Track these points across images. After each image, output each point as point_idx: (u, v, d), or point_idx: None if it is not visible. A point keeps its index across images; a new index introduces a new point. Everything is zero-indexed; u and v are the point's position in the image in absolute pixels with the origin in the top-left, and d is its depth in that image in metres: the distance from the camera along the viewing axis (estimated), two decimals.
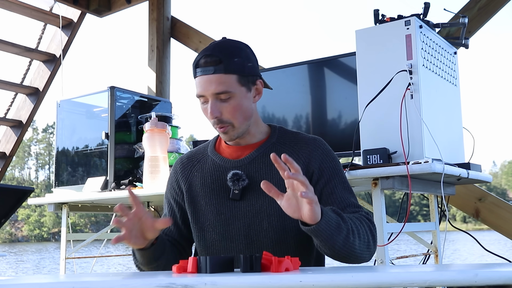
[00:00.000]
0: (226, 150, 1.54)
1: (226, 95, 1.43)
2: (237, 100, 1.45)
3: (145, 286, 0.93)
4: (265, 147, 1.51)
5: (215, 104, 1.43)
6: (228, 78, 1.43)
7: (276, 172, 1.46)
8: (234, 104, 1.45)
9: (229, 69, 1.44)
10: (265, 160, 1.49)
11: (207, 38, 3.94)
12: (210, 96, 1.43)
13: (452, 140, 2.10)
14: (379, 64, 1.92)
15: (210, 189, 1.51)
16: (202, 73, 1.44)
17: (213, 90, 1.42)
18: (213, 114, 1.43)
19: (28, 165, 61.89)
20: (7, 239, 52.02)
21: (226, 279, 0.91)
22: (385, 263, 1.81)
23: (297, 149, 1.50)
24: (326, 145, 1.54)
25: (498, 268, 0.92)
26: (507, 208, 2.80)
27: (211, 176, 1.53)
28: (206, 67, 1.43)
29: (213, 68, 1.43)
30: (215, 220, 1.49)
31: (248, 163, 1.49)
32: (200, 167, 1.56)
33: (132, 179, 2.68)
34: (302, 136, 1.55)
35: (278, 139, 1.53)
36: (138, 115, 2.87)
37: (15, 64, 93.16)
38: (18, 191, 1.29)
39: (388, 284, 0.89)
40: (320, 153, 1.50)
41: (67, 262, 2.87)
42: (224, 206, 1.49)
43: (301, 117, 2.47)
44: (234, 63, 1.44)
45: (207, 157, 1.57)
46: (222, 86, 1.42)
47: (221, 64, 1.43)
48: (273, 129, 1.56)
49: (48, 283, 1.02)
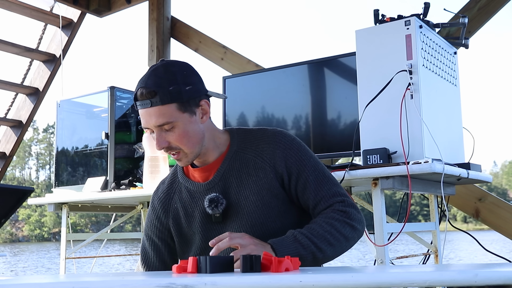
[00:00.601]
0: (195, 174, 1.52)
1: (169, 126, 1.40)
2: (182, 128, 1.41)
3: (145, 286, 0.93)
4: (228, 159, 1.48)
5: (160, 135, 1.41)
6: (167, 109, 1.38)
7: (246, 182, 1.45)
8: (179, 132, 1.41)
9: (165, 99, 1.38)
10: (233, 173, 1.47)
11: (207, 38, 3.94)
12: (153, 128, 1.41)
13: (452, 140, 2.10)
14: (379, 64, 1.92)
15: (192, 218, 1.51)
16: (140, 106, 1.40)
17: (154, 123, 1.39)
18: (160, 145, 1.41)
19: (28, 165, 61.94)
20: (7, 239, 52.03)
21: (226, 279, 0.91)
22: (385, 263, 1.81)
23: (259, 151, 1.46)
24: (287, 137, 1.48)
25: (498, 268, 0.92)
26: (507, 208, 2.80)
27: (190, 204, 1.51)
28: (142, 100, 1.39)
29: (149, 101, 1.38)
30: (205, 247, 1.47)
31: (219, 181, 1.47)
32: (177, 198, 1.55)
33: (132, 179, 2.68)
34: (261, 133, 1.50)
35: (239, 145, 1.49)
36: (138, 115, 2.87)
37: (15, 64, 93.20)
38: (18, 191, 1.29)
39: (388, 284, 0.89)
40: (282, 149, 1.45)
41: (67, 262, 2.87)
42: (211, 230, 1.48)
43: (300, 118, 2.47)
44: (170, 92, 1.38)
45: (181, 186, 1.55)
46: (162, 118, 1.38)
47: (157, 96, 1.37)
48: (231, 136, 1.52)
49: (48, 283, 1.02)
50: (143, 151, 2.55)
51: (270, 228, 1.44)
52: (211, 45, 3.89)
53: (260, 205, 1.43)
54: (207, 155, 1.48)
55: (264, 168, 1.45)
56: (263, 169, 1.44)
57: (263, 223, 1.44)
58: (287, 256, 1.06)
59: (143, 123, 1.43)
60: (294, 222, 1.47)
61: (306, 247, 1.31)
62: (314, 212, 1.44)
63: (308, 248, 1.31)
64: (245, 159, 1.47)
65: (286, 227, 1.43)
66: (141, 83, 1.40)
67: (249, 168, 1.46)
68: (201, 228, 1.49)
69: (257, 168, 1.45)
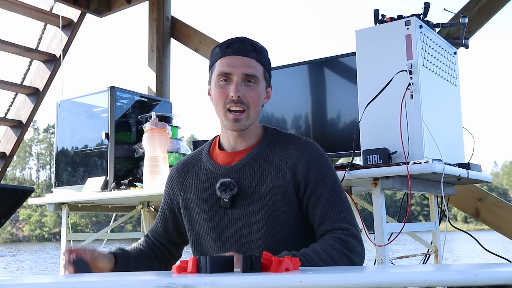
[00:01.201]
0: (219, 156, 1.53)
1: (253, 80, 1.45)
2: (259, 90, 1.47)
3: (145, 286, 0.93)
4: (255, 152, 1.49)
5: (240, 84, 1.43)
6: (258, 66, 1.46)
7: (264, 179, 1.45)
8: (257, 91, 1.46)
9: (260, 59, 1.47)
10: (255, 167, 1.47)
11: (207, 38, 3.94)
12: (238, 75, 1.43)
13: (452, 140, 2.10)
14: (379, 64, 1.92)
15: (203, 197, 1.51)
16: (234, 53, 1.44)
17: (244, 70, 1.43)
18: (237, 92, 1.42)
19: (29, 165, 61.93)
20: (8, 239, 52.03)
21: (226, 279, 0.91)
22: (385, 263, 1.81)
23: (286, 155, 1.47)
24: (316, 149, 1.49)
25: (498, 268, 0.92)
26: (507, 208, 2.80)
27: (204, 183, 1.52)
28: (239, 48, 1.44)
29: (249, 52, 1.45)
30: (208, 228, 1.49)
31: (239, 170, 1.48)
32: (194, 174, 1.55)
33: (132, 179, 2.68)
34: (293, 139, 1.51)
35: (268, 143, 1.51)
36: (138, 115, 2.87)
37: (15, 64, 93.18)
38: (18, 191, 1.29)
39: (388, 284, 0.89)
40: (308, 159, 1.46)
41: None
42: (217, 214, 1.48)
43: (300, 117, 2.47)
44: (264, 57, 1.48)
45: (201, 163, 1.56)
46: (253, 70, 1.44)
47: (255, 52, 1.46)
48: (265, 132, 1.54)
49: (48, 283, 1.02)
50: (143, 151, 2.55)
51: (275, 231, 1.44)
52: (211, 45, 3.88)
53: (272, 206, 1.44)
54: (244, 137, 1.50)
55: (285, 171, 1.46)
56: (283, 172, 1.45)
57: (269, 224, 1.43)
58: (287, 256, 1.06)
59: (227, 69, 1.44)
60: (299, 232, 1.47)
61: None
62: (318, 230, 1.43)
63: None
64: (269, 158, 1.48)
65: (290, 235, 1.44)
66: (237, 38, 1.47)
67: (271, 167, 1.47)
68: (208, 208, 1.49)
69: (279, 170, 1.46)
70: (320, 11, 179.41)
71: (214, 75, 1.48)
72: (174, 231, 1.61)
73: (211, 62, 1.51)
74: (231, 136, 1.51)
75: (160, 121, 2.48)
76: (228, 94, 1.44)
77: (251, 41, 1.47)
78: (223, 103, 1.45)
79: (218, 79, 1.46)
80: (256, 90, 1.45)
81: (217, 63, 1.47)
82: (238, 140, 1.51)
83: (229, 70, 1.43)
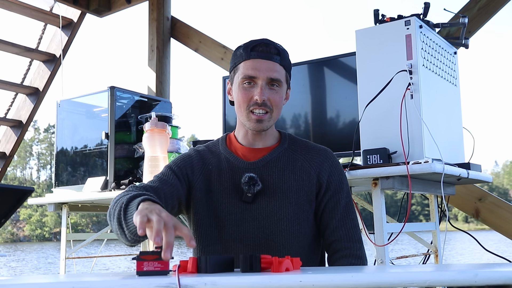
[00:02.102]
0: (240, 150, 1.54)
1: (277, 84, 1.47)
2: (282, 93, 1.50)
3: (145, 286, 0.93)
4: (278, 151, 1.53)
5: (265, 87, 1.46)
6: (282, 70, 1.49)
7: (287, 177, 1.48)
8: (280, 95, 1.49)
9: (284, 63, 1.50)
10: (278, 165, 1.50)
11: (207, 38, 3.94)
12: (263, 79, 1.45)
13: (452, 140, 2.10)
14: (379, 64, 1.92)
15: (223, 187, 1.50)
16: (259, 56, 1.46)
17: (270, 74, 1.45)
18: (262, 95, 1.44)
19: (30, 165, 61.88)
20: (8, 239, 52.03)
21: (226, 279, 0.91)
22: (385, 263, 1.81)
23: (309, 157, 1.52)
24: (335, 157, 1.57)
25: (498, 268, 0.92)
26: (507, 208, 2.80)
27: (225, 174, 1.52)
28: (265, 53, 1.46)
29: (273, 56, 1.47)
30: (225, 219, 1.48)
31: (262, 166, 1.50)
32: (214, 163, 1.54)
33: (132, 179, 2.68)
34: (312, 145, 1.57)
35: (289, 145, 1.55)
36: (138, 115, 2.87)
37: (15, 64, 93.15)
38: (18, 191, 1.29)
39: (388, 284, 0.89)
40: (330, 164, 1.53)
41: (67, 262, 2.87)
42: (235, 206, 1.48)
43: (300, 117, 2.47)
44: (287, 60, 1.51)
45: (220, 154, 1.55)
46: (278, 74, 1.47)
47: (279, 56, 1.48)
48: (283, 135, 1.58)
49: (48, 283, 1.02)
50: (143, 151, 2.55)
51: (294, 229, 1.46)
52: (211, 45, 3.89)
53: (294, 204, 1.47)
54: (263, 137, 1.52)
55: (309, 172, 1.50)
56: (308, 173, 1.50)
57: (290, 221, 1.46)
58: (287, 256, 1.07)
59: (252, 72, 1.45)
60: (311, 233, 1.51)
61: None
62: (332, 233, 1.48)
63: None
64: (293, 158, 1.52)
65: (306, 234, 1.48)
66: (262, 40, 1.48)
67: (295, 167, 1.51)
68: (227, 199, 1.49)
69: (303, 170, 1.50)
70: (320, 11, 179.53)
71: (238, 77, 1.49)
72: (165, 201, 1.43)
73: (234, 63, 1.52)
74: (250, 133, 1.53)
75: (160, 121, 2.48)
76: (252, 97, 1.46)
77: (275, 44, 1.50)
78: (246, 105, 1.48)
79: (242, 81, 1.48)
80: (279, 94, 1.49)
81: (241, 65, 1.49)
82: (257, 138, 1.53)
83: (254, 73, 1.46)
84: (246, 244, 1.46)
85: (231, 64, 1.54)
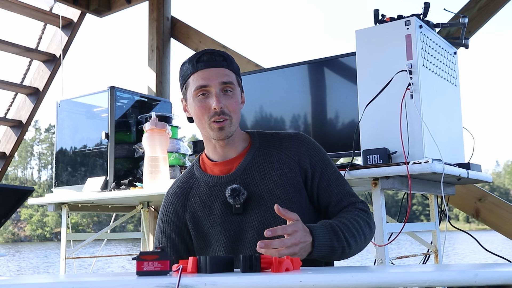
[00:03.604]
0: (215, 168, 1.53)
1: (231, 88, 1.47)
2: (237, 96, 1.50)
3: (145, 286, 0.93)
4: (251, 154, 1.51)
5: (219, 94, 1.45)
6: (232, 74, 1.49)
7: (270, 176, 1.48)
8: (235, 99, 1.48)
9: (231, 68, 1.50)
10: (257, 167, 1.49)
11: (207, 38, 3.94)
12: (215, 86, 1.45)
13: (452, 140, 2.10)
14: (379, 64, 1.92)
15: (211, 210, 1.50)
16: (206, 66, 1.46)
17: (221, 79, 1.45)
18: (219, 103, 1.44)
19: (31, 165, 61.85)
20: (9, 239, 52.03)
21: (226, 279, 0.91)
22: (385, 263, 1.81)
23: (283, 148, 1.51)
24: (309, 138, 1.56)
25: (498, 268, 0.92)
26: (507, 208, 2.80)
27: (208, 197, 1.51)
28: (211, 60, 1.47)
29: (220, 62, 1.47)
30: (224, 239, 1.48)
31: (241, 174, 1.49)
32: (195, 192, 1.54)
33: (132, 179, 2.68)
34: (283, 134, 1.56)
35: (261, 143, 1.54)
36: (138, 115, 2.87)
37: (15, 64, 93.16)
38: (18, 191, 1.29)
39: (388, 284, 0.89)
40: (307, 147, 1.52)
41: (67, 262, 2.87)
42: (230, 222, 1.48)
43: (300, 117, 2.47)
44: (234, 64, 1.52)
45: (198, 181, 1.55)
46: (229, 77, 1.47)
47: (225, 61, 1.48)
48: (252, 135, 1.57)
49: (48, 283, 1.02)
50: (143, 151, 2.55)
51: None
52: (211, 45, 3.89)
53: (284, 198, 1.45)
54: (231, 145, 1.51)
55: (289, 163, 1.49)
56: (287, 164, 1.49)
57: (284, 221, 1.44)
58: (287, 256, 1.07)
59: (203, 82, 1.46)
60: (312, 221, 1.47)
61: (340, 240, 1.34)
62: (336, 207, 1.48)
63: (341, 242, 1.34)
64: (269, 154, 1.51)
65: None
66: (204, 51, 1.50)
67: (273, 162, 1.49)
68: (220, 219, 1.48)
69: (282, 163, 1.49)
70: (320, 11, 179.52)
71: (191, 91, 1.48)
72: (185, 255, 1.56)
73: (183, 79, 1.51)
74: (219, 146, 1.51)
75: (160, 121, 2.48)
76: (209, 107, 1.45)
77: (218, 51, 1.50)
78: (206, 117, 1.46)
79: (196, 94, 1.47)
80: (234, 98, 1.48)
81: (190, 79, 1.48)
82: (226, 149, 1.51)
83: (205, 82, 1.45)
84: (250, 253, 1.46)
85: (180, 82, 1.54)
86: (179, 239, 1.55)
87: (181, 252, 1.56)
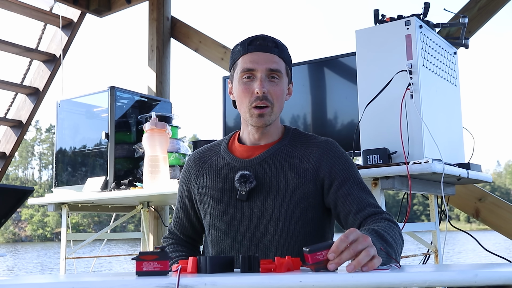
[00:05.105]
0: (238, 149, 1.54)
1: (277, 75, 1.46)
2: (283, 85, 1.49)
3: (145, 286, 0.93)
4: (276, 148, 1.51)
5: (264, 80, 1.45)
6: (281, 62, 1.48)
7: (284, 175, 1.46)
8: (280, 87, 1.48)
9: (282, 56, 1.49)
10: (275, 162, 1.48)
11: (207, 38, 3.94)
12: (262, 71, 1.44)
13: (452, 140, 2.10)
14: (379, 64, 1.92)
15: (218, 188, 1.51)
16: (256, 49, 1.46)
17: (268, 65, 1.44)
18: (262, 88, 1.43)
19: (31, 165, 61.82)
20: (10, 239, 52.03)
21: (226, 279, 0.91)
22: None
23: (307, 152, 1.49)
24: (338, 148, 1.52)
25: (498, 268, 0.92)
26: (507, 208, 2.80)
27: (220, 174, 1.52)
28: (262, 44, 1.46)
29: (271, 48, 1.46)
30: (221, 220, 1.49)
31: (258, 164, 1.49)
32: (210, 165, 1.56)
33: (132, 179, 2.68)
34: (314, 139, 1.54)
35: (290, 141, 1.53)
36: (138, 115, 2.87)
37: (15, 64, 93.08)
38: (18, 191, 1.29)
39: (388, 284, 0.89)
40: (331, 156, 1.48)
41: (67, 262, 2.87)
42: (231, 206, 1.48)
43: (300, 117, 2.47)
44: (286, 53, 1.51)
45: (219, 155, 1.56)
46: (277, 65, 1.46)
47: (277, 48, 1.47)
48: (287, 131, 1.57)
49: (48, 283, 1.02)
50: (143, 151, 2.55)
51: (291, 228, 1.44)
52: (211, 45, 3.89)
53: (290, 202, 1.44)
54: (266, 133, 1.51)
55: (307, 168, 1.47)
56: (305, 169, 1.47)
57: (286, 220, 1.44)
58: (288, 256, 1.06)
59: (251, 65, 1.45)
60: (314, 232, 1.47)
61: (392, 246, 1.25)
62: (356, 216, 1.39)
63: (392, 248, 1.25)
64: (291, 155, 1.49)
65: (306, 233, 1.45)
66: (259, 35, 1.49)
67: (292, 164, 1.48)
68: (222, 200, 1.49)
69: (300, 167, 1.47)
70: (321, 11, 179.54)
71: (237, 72, 1.48)
72: (196, 221, 1.61)
73: (232, 60, 1.52)
74: (253, 131, 1.52)
75: (160, 121, 2.48)
76: (252, 91, 1.45)
77: (273, 38, 1.49)
78: (248, 100, 1.46)
79: (241, 76, 1.47)
80: (280, 86, 1.47)
81: (239, 61, 1.48)
82: (259, 136, 1.52)
83: (252, 66, 1.44)
84: (243, 244, 1.46)
85: (230, 63, 1.54)
86: (190, 205, 1.59)
87: (192, 216, 1.60)
